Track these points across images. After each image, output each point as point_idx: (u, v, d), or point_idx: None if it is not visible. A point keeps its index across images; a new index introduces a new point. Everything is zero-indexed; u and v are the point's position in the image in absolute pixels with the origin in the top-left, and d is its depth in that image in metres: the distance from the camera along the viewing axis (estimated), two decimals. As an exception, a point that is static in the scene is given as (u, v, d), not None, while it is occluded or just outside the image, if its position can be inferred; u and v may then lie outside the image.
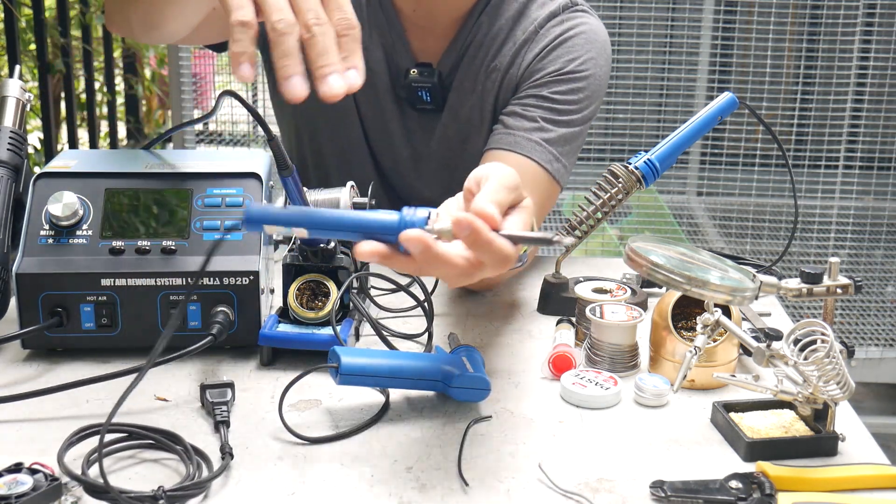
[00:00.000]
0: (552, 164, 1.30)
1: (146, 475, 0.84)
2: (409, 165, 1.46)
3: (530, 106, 1.33)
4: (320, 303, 1.06)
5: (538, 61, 1.36)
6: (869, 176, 3.12)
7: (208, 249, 1.01)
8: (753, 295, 0.90)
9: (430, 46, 1.39)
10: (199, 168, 1.10)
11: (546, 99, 1.33)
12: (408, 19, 1.38)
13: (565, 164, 1.33)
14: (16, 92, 1.21)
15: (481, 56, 1.38)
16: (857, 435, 0.93)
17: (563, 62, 1.35)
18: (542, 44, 1.36)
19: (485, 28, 1.38)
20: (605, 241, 2.98)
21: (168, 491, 0.78)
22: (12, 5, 2.53)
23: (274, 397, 0.98)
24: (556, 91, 1.34)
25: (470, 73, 1.39)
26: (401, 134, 1.44)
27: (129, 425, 0.88)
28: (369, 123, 1.44)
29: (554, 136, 1.31)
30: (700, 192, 3.24)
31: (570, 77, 1.34)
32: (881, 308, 3.08)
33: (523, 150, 1.29)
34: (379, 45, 1.39)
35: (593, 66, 1.36)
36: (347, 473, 0.85)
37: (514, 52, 1.37)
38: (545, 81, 1.35)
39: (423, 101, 1.39)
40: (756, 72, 3.05)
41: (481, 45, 1.38)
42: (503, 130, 1.32)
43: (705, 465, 0.88)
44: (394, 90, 1.41)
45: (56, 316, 1.02)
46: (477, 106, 1.40)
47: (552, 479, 0.84)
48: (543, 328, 1.16)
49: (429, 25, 1.38)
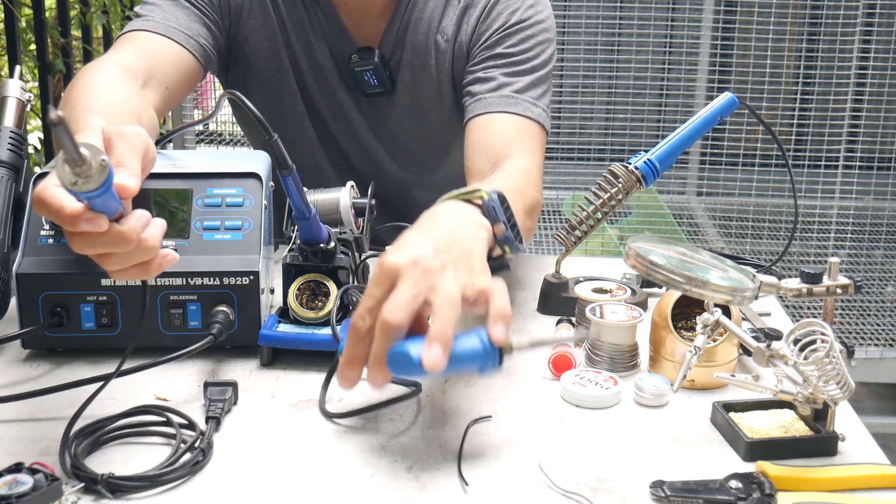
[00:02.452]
0: (531, 109, 1.32)
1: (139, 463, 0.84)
2: (377, 152, 1.49)
3: (489, 68, 1.36)
4: (320, 303, 1.06)
5: (481, 23, 1.38)
6: (869, 176, 3.12)
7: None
8: (753, 295, 0.90)
9: (370, 31, 1.41)
10: (199, 168, 1.10)
11: (501, 56, 1.35)
12: (343, 9, 1.41)
13: (543, 107, 1.35)
14: (16, 92, 1.21)
15: (423, 30, 1.40)
16: (857, 435, 0.93)
17: (506, 16, 1.37)
18: (482, 4, 1.39)
19: (421, 3, 1.40)
20: (605, 241, 2.98)
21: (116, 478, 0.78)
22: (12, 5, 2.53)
23: (274, 397, 0.98)
24: (509, 45, 1.36)
25: (417, 49, 1.41)
26: (360, 122, 1.46)
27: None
28: (329, 120, 1.47)
29: (522, 85, 1.33)
30: (700, 192, 3.24)
31: (517, 28, 1.37)
32: (881, 308, 3.08)
33: (499, 107, 1.31)
34: (322, 41, 1.42)
35: (535, 12, 1.39)
36: (347, 473, 0.85)
37: (457, 19, 1.39)
38: (494, 40, 1.37)
39: (372, 86, 1.42)
40: (756, 72, 3.06)
41: (420, 20, 1.40)
42: (472, 100, 1.34)
43: (705, 465, 0.88)
44: (344, 82, 1.44)
45: (56, 316, 1.02)
46: (433, 81, 1.42)
47: (552, 479, 0.84)
48: (543, 328, 1.16)
49: (363, 10, 1.40)
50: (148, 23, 1.29)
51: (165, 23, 1.29)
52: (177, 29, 1.30)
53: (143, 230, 0.80)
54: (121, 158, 0.82)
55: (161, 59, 1.27)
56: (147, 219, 0.81)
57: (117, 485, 0.80)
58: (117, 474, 0.81)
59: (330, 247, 1.06)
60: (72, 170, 0.72)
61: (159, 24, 1.29)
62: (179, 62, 1.29)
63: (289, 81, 1.43)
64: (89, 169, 0.72)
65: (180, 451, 0.85)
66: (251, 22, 1.40)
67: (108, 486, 0.80)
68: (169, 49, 1.28)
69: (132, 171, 0.81)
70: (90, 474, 0.81)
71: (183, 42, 1.29)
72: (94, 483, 0.80)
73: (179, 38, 1.29)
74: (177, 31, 1.30)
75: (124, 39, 1.29)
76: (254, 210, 1.07)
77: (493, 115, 1.31)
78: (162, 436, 0.90)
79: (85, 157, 0.72)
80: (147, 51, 1.27)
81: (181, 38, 1.30)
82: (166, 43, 1.28)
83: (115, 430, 0.90)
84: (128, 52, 1.26)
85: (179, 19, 1.31)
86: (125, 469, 0.83)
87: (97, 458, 0.86)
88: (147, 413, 0.92)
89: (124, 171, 0.80)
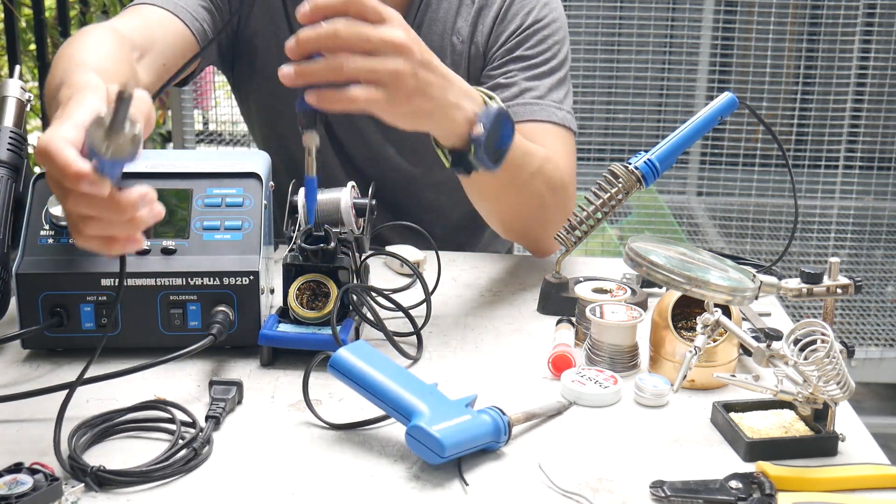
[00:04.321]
0: (556, 114, 1.32)
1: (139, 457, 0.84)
2: (386, 152, 1.47)
3: (509, 72, 1.35)
4: (320, 303, 1.05)
5: (498, 24, 1.38)
6: (869, 176, 3.12)
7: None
8: (753, 295, 0.90)
9: None
10: (199, 168, 1.10)
11: (520, 59, 1.35)
12: None
13: (567, 109, 1.35)
14: (16, 92, 1.21)
15: (438, 31, 1.39)
16: (857, 435, 0.93)
17: (522, 17, 1.37)
18: (497, 5, 1.38)
19: (434, 4, 1.40)
20: (605, 241, 2.98)
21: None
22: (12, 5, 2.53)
23: (274, 397, 0.98)
24: (528, 47, 1.36)
25: (432, 50, 1.39)
26: (368, 123, 1.45)
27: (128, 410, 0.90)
28: (336, 120, 1.45)
29: (544, 89, 1.33)
30: (700, 192, 3.24)
31: (534, 29, 1.36)
32: (881, 308, 3.08)
33: (524, 116, 1.31)
34: None
35: (549, 10, 1.39)
36: (347, 473, 0.85)
37: (472, 20, 1.38)
38: (513, 43, 1.37)
39: None
40: (756, 72, 3.05)
41: (435, 21, 1.39)
42: None
43: (705, 465, 0.88)
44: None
45: (56, 316, 1.02)
46: None
47: (552, 479, 0.84)
48: (543, 328, 1.16)
49: None
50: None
51: (174, 0, 1.29)
52: (184, 9, 1.29)
53: (142, 207, 0.78)
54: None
55: (163, 34, 1.26)
56: (150, 198, 0.79)
57: (106, 478, 0.80)
58: (113, 468, 0.81)
59: (330, 247, 1.06)
60: (107, 136, 0.71)
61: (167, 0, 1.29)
62: (180, 41, 1.28)
63: None
64: (124, 140, 0.71)
65: (175, 448, 0.85)
66: (258, 16, 1.39)
67: (97, 478, 0.80)
68: (173, 25, 1.28)
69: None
70: (82, 466, 0.81)
71: (188, 22, 1.29)
72: (84, 475, 0.80)
73: (185, 17, 1.29)
74: (184, 11, 1.29)
75: (131, 9, 1.29)
76: (254, 210, 1.07)
77: (519, 124, 1.30)
78: (166, 432, 0.90)
79: (125, 130, 0.70)
80: (150, 23, 1.26)
81: (187, 17, 1.29)
82: (171, 19, 1.28)
83: (119, 425, 0.90)
84: (130, 20, 1.25)
85: (188, 0, 1.31)
86: (123, 464, 0.83)
87: (98, 451, 0.87)
88: (152, 409, 0.92)
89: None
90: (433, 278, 1.23)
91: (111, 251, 0.81)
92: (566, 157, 1.31)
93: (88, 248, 0.81)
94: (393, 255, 1.25)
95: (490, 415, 0.88)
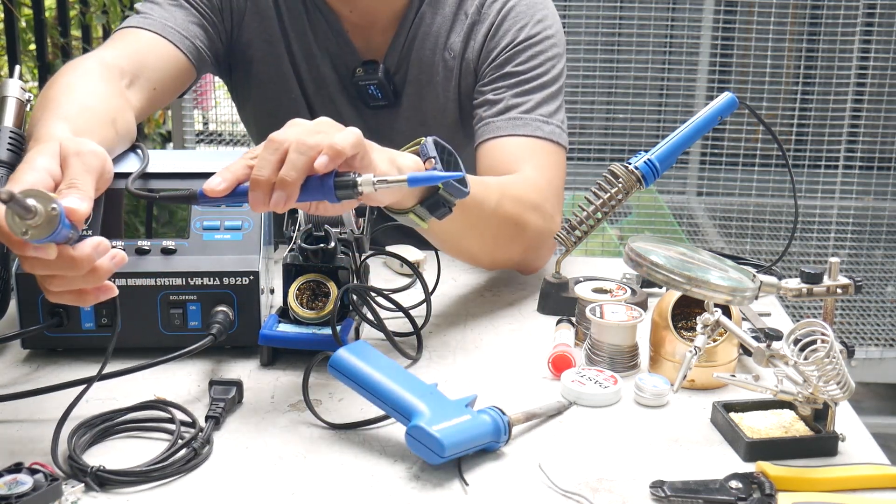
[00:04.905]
0: (542, 128, 1.30)
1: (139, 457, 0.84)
2: None
3: (498, 89, 1.34)
4: (320, 303, 1.06)
5: (489, 40, 1.37)
6: (869, 176, 3.12)
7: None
8: (753, 295, 0.90)
9: (375, 44, 1.40)
10: (199, 168, 1.10)
11: (510, 75, 1.34)
12: (347, 21, 1.39)
13: (557, 123, 1.33)
14: (16, 92, 1.21)
15: (430, 46, 1.39)
16: (857, 435, 0.93)
17: (514, 33, 1.36)
18: (489, 21, 1.37)
19: (428, 18, 1.39)
20: (605, 241, 2.98)
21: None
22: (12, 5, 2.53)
23: (274, 397, 0.98)
24: (517, 63, 1.35)
25: (424, 66, 1.40)
26: (363, 133, 1.44)
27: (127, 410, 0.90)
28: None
29: (532, 104, 1.32)
30: (700, 192, 3.24)
31: (525, 46, 1.35)
32: (881, 308, 3.08)
33: (507, 131, 1.30)
34: (325, 51, 1.41)
35: (543, 28, 1.37)
36: (347, 473, 0.85)
37: (465, 36, 1.38)
38: (504, 59, 1.36)
39: (376, 98, 1.41)
40: (756, 72, 3.05)
41: (427, 35, 1.39)
42: (481, 124, 1.33)
43: (705, 465, 0.88)
44: (346, 92, 1.43)
45: (56, 316, 1.02)
46: (438, 97, 1.41)
47: (552, 479, 0.84)
48: (543, 328, 1.16)
49: (369, 24, 1.39)
50: (145, 20, 1.29)
51: (162, 21, 1.29)
52: (173, 29, 1.30)
53: (98, 258, 0.79)
54: (74, 179, 0.82)
55: (152, 59, 1.26)
56: (105, 248, 0.80)
57: (106, 478, 0.81)
58: (113, 468, 0.81)
59: (330, 247, 1.06)
60: (22, 220, 0.73)
61: (156, 22, 1.29)
62: (171, 63, 1.29)
63: (291, 89, 1.43)
64: (40, 218, 0.73)
65: (174, 447, 0.85)
66: (253, 26, 1.40)
67: (97, 478, 0.80)
68: (162, 48, 1.28)
69: (84, 193, 0.81)
70: (82, 466, 0.81)
71: (177, 42, 1.29)
72: (84, 475, 0.80)
73: (174, 38, 1.29)
74: (172, 31, 1.29)
75: (118, 35, 1.29)
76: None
77: (502, 139, 1.29)
78: (166, 432, 0.90)
79: (34, 209, 0.73)
80: (138, 49, 1.26)
81: (176, 38, 1.29)
82: (160, 42, 1.28)
83: (119, 425, 0.90)
84: (118, 48, 1.25)
85: (177, 19, 1.31)
86: (123, 464, 0.83)
87: (98, 451, 0.87)
88: (152, 409, 0.93)
89: (76, 194, 0.80)
90: (433, 278, 1.23)
91: (85, 303, 0.83)
92: (548, 171, 1.29)
93: (62, 302, 0.83)
94: (393, 255, 1.25)
95: (490, 415, 0.88)
